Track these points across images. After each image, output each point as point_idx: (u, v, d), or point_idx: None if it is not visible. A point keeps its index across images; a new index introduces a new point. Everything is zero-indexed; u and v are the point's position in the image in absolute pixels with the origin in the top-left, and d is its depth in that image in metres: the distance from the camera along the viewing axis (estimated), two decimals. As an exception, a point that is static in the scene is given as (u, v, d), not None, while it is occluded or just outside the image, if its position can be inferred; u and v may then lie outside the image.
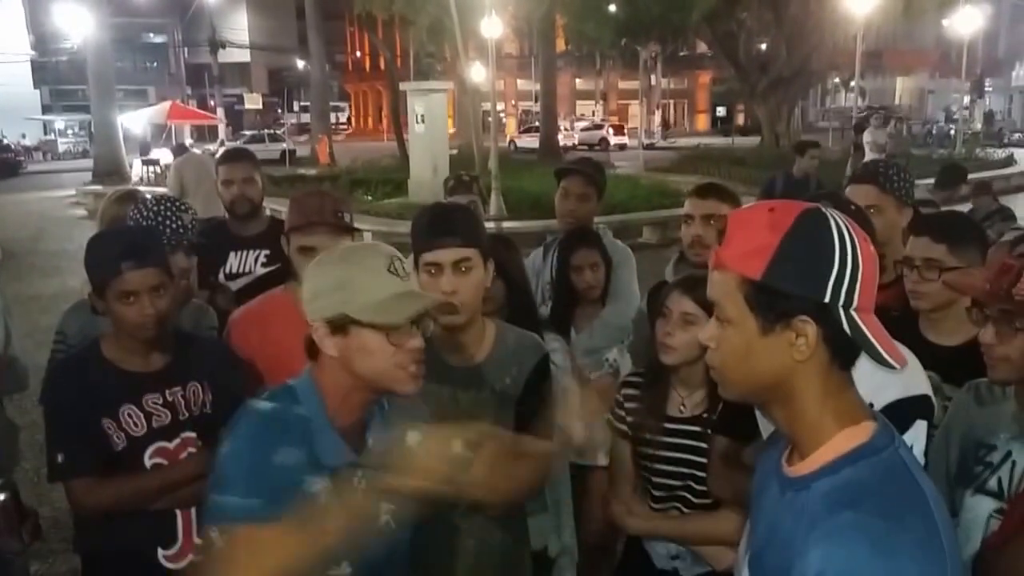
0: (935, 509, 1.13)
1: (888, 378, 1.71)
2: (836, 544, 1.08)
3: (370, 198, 16.92)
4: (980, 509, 1.91)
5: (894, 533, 1.07)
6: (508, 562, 2.28)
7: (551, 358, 2.33)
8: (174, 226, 2.67)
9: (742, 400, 1.30)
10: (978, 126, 36.02)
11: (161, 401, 2.25)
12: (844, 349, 1.19)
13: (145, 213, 2.69)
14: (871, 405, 1.78)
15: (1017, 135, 37.71)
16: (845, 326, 1.17)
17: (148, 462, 2.23)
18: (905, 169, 2.83)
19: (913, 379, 1.83)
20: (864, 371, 1.85)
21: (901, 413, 1.76)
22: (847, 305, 1.16)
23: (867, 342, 1.18)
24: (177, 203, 2.77)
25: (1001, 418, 1.94)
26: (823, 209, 1.20)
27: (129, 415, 2.21)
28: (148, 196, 2.71)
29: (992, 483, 1.91)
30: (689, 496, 2.31)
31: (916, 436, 1.78)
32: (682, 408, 2.36)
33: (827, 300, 1.16)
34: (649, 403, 2.39)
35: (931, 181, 7.41)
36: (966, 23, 26.62)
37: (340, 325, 1.57)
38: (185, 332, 2.50)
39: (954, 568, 1.12)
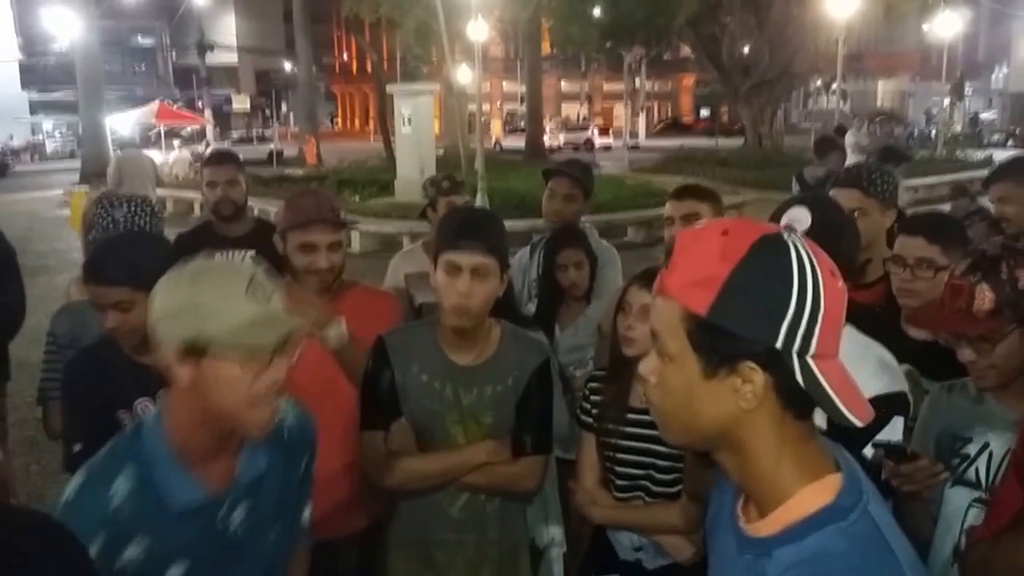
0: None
1: (868, 376, 1.80)
2: None
3: (357, 198, 17.00)
4: (960, 500, 1.91)
5: None
6: (507, 555, 2.33)
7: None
8: (140, 224, 2.68)
9: (686, 447, 1.17)
10: (958, 128, 36.37)
11: None
12: (798, 399, 1.03)
13: (109, 213, 2.70)
14: None
15: (997, 136, 38.13)
16: (798, 376, 1.01)
17: None
18: (888, 171, 2.81)
19: (891, 377, 1.88)
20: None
21: (880, 409, 1.74)
22: (803, 352, 1.00)
23: (823, 395, 1.01)
24: (131, 201, 2.76)
25: (978, 412, 1.95)
26: (785, 236, 1.04)
27: (143, 409, 2.21)
28: (116, 198, 2.76)
29: (970, 474, 1.91)
30: (650, 485, 2.31)
31: (893, 432, 1.81)
32: (643, 399, 2.40)
33: (779, 346, 1.00)
34: (612, 395, 2.39)
35: (917, 182, 7.60)
36: (946, 27, 26.92)
37: (191, 351, 1.40)
38: None
39: None
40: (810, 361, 1.01)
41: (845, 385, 1.03)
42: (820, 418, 1.83)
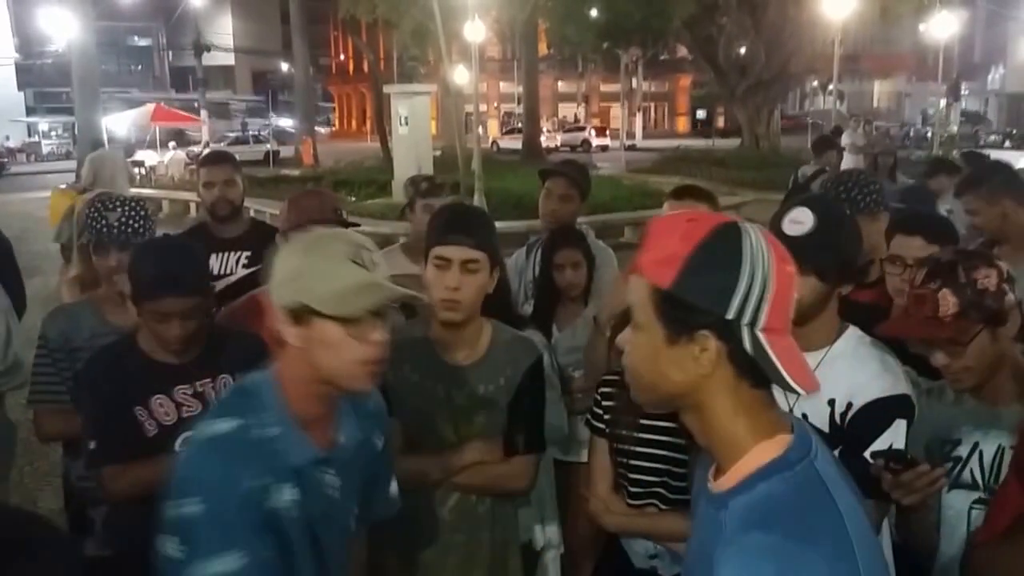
0: (849, 525, 1.10)
1: (869, 378, 1.85)
2: (743, 566, 1.06)
3: (354, 199, 16.98)
4: (959, 503, 1.92)
5: (801, 554, 1.05)
6: (498, 557, 2.32)
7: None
8: (134, 227, 2.67)
9: (654, 407, 1.29)
10: (954, 129, 36.43)
11: (191, 392, 2.28)
12: (750, 367, 1.15)
13: (103, 216, 2.67)
14: (850, 404, 1.86)
15: (993, 137, 38.19)
16: (747, 345, 1.14)
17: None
18: (867, 180, 2.82)
19: (894, 379, 1.89)
20: (841, 370, 1.90)
21: (881, 412, 1.84)
22: (752, 323, 1.13)
23: (770, 365, 1.14)
24: (124, 204, 2.73)
25: (961, 413, 1.97)
26: (740, 224, 1.18)
27: (160, 405, 2.24)
28: (109, 201, 2.74)
29: (965, 476, 1.93)
30: (665, 492, 2.28)
31: (896, 435, 1.83)
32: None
33: (731, 316, 1.13)
34: (626, 400, 2.31)
35: (913, 182, 7.51)
36: (942, 27, 26.94)
37: (300, 315, 1.51)
38: (220, 325, 2.50)
39: None
40: (759, 333, 1.14)
41: (792, 358, 1.16)
42: (821, 421, 1.85)
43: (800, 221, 1.84)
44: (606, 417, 2.41)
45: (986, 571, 1.68)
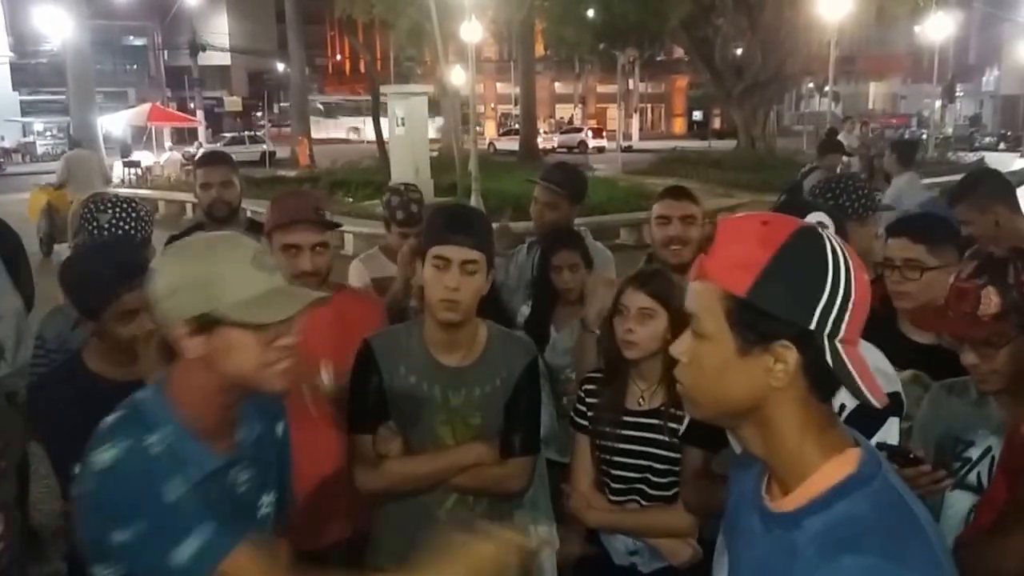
0: (932, 536, 1.08)
1: None
2: None
3: (350, 200, 17.01)
4: (961, 504, 1.92)
5: (900, 573, 1.01)
6: None
7: None
8: (125, 228, 2.66)
9: (711, 421, 1.22)
10: (949, 130, 36.53)
11: None
12: (824, 381, 1.11)
13: (95, 217, 2.68)
14: (843, 406, 1.81)
15: (988, 139, 38.29)
16: (828, 357, 1.09)
17: None
18: (856, 186, 2.83)
19: (884, 378, 1.87)
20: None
21: (874, 411, 1.81)
22: (833, 335, 1.09)
23: (848, 377, 1.10)
24: (116, 205, 2.73)
25: (980, 415, 1.95)
26: (819, 230, 1.13)
27: None
28: (101, 202, 2.74)
29: (971, 478, 1.92)
30: (647, 488, 2.32)
31: (889, 432, 1.83)
32: (641, 401, 2.36)
33: (813, 327, 1.08)
34: (608, 398, 2.40)
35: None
36: (937, 29, 27.04)
37: (204, 324, 1.44)
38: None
39: None
40: (838, 344, 1.09)
41: (865, 370, 1.11)
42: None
43: (824, 226, 1.83)
44: (589, 414, 2.43)
45: (969, 567, 1.65)
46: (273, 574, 1.55)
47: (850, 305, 1.09)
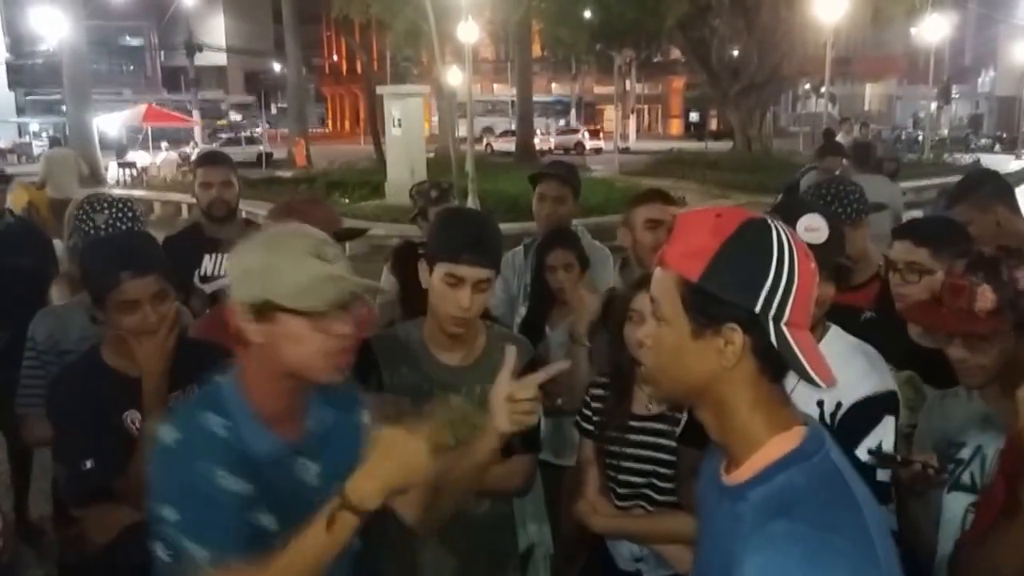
0: (867, 514, 1.12)
1: (857, 377, 1.87)
2: (770, 554, 1.07)
3: (347, 200, 16.98)
4: (957, 506, 1.92)
5: (828, 542, 1.06)
6: (496, 556, 2.33)
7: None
8: (122, 228, 2.65)
9: (671, 401, 1.31)
10: (945, 132, 36.60)
11: None
12: (773, 361, 1.17)
13: (91, 218, 2.68)
14: (839, 404, 1.87)
15: (984, 140, 38.38)
16: (772, 338, 1.15)
17: None
18: (847, 191, 2.84)
19: (880, 377, 1.92)
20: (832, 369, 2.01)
21: (871, 409, 1.86)
22: (778, 318, 1.15)
23: (794, 358, 1.15)
24: (112, 206, 2.72)
25: (970, 416, 1.98)
26: (768, 220, 1.19)
27: (133, 421, 2.18)
28: (97, 202, 2.73)
29: (965, 478, 1.93)
30: (652, 494, 2.31)
31: (885, 431, 1.85)
32: (649, 407, 2.36)
33: (758, 310, 1.14)
34: (614, 403, 2.39)
35: (905, 185, 7.52)
36: (933, 31, 27.08)
37: (263, 311, 1.50)
38: (188, 337, 2.44)
39: (889, 572, 1.12)
40: (783, 327, 1.16)
41: (812, 351, 1.17)
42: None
43: (816, 228, 1.87)
44: (595, 419, 2.42)
45: (968, 569, 1.69)
46: None
47: (794, 289, 1.15)
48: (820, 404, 1.87)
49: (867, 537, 1.10)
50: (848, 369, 1.87)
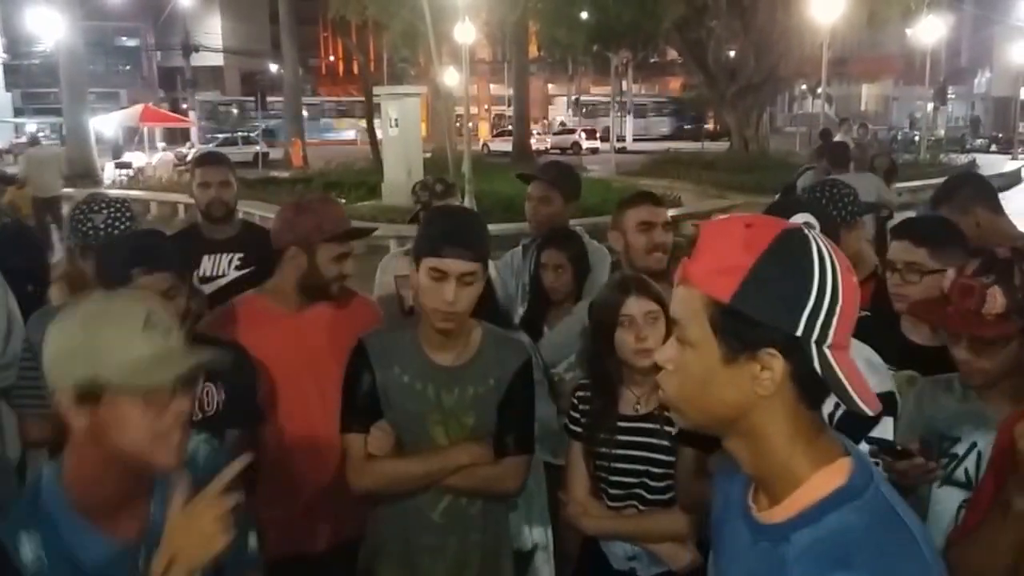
0: (925, 548, 1.04)
1: None
2: None
3: (344, 201, 16.94)
4: (949, 501, 1.92)
5: None
6: (490, 558, 2.32)
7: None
8: (120, 229, 2.64)
9: (698, 429, 1.17)
10: (941, 132, 36.65)
11: None
12: (813, 388, 1.07)
13: (89, 219, 2.68)
14: (837, 405, 1.87)
15: (980, 141, 38.42)
16: (816, 364, 1.05)
17: None
18: (841, 193, 2.83)
19: (879, 377, 1.91)
20: None
21: None
22: (820, 341, 1.04)
23: (839, 384, 1.05)
24: (111, 206, 2.71)
25: (965, 412, 1.96)
26: (805, 231, 1.09)
27: None
28: (95, 203, 2.72)
29: (959, 474, 1.92)
30: (644, 493, 2.31)
31: (884, 432, 1.85)
32: (637, 407, 2.35)
33: (799, 333, 1.04)
34: (601, 405, 2.38)
35: (901, 185, 7.53)
36: (929, 32, 27.12)
37: (89, 393, 1.34)
38: (200, 334, 2.43)
39: None
40: (827, 350, 1.05)
41: (856, 375, 1.07)
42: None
43: (811, 227, 1.85)
44: (583, 421, 2.42)
45: (957, 566, 1.66)
46: None
47: (838, 309, 1.04)
48: None
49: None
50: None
